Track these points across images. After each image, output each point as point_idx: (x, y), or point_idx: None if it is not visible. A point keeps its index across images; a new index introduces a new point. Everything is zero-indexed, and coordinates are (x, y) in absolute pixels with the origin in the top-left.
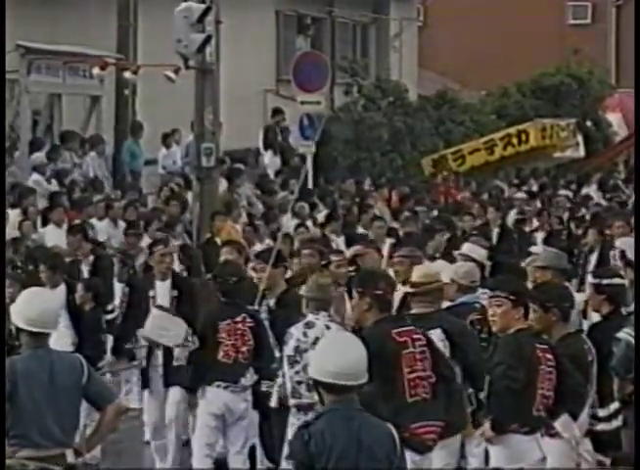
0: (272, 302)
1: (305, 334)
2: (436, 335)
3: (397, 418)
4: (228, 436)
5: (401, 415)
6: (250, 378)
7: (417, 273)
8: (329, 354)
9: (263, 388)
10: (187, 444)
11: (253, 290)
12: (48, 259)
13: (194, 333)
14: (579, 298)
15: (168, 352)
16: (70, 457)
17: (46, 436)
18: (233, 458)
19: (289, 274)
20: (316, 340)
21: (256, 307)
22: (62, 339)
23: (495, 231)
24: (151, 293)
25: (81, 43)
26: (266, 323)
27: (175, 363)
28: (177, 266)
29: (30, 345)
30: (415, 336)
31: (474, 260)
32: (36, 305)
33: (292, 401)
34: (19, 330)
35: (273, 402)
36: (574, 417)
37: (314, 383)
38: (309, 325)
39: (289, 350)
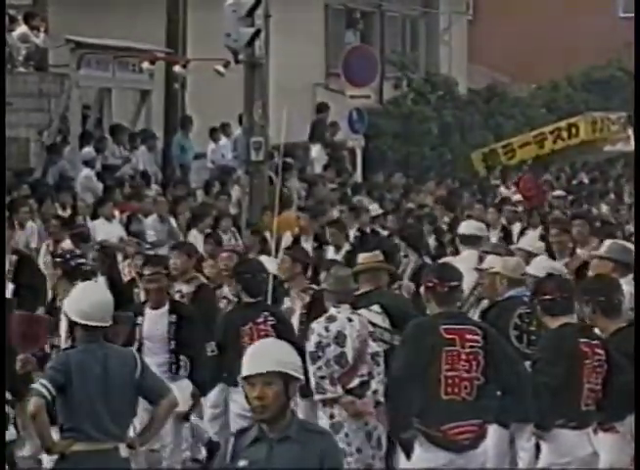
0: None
1: (327, 328)
2: (374, 310)
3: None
4: None
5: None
6: None
7: (360, 257)
8: None
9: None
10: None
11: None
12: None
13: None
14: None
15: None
16: (124, 451)
17: (100, 429)
18: None
19: None
20: (338, 334)
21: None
22: None
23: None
24: (139, 319)
25: (131, 37)
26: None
27: None
28: None
29: (84, 339)
30: (469, 336)
31: (530, 254)
32: (91, 299)
33: (317, 397)
34: (73, 324)
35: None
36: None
37: None
38: (331, 319)
39: (310, 346)
